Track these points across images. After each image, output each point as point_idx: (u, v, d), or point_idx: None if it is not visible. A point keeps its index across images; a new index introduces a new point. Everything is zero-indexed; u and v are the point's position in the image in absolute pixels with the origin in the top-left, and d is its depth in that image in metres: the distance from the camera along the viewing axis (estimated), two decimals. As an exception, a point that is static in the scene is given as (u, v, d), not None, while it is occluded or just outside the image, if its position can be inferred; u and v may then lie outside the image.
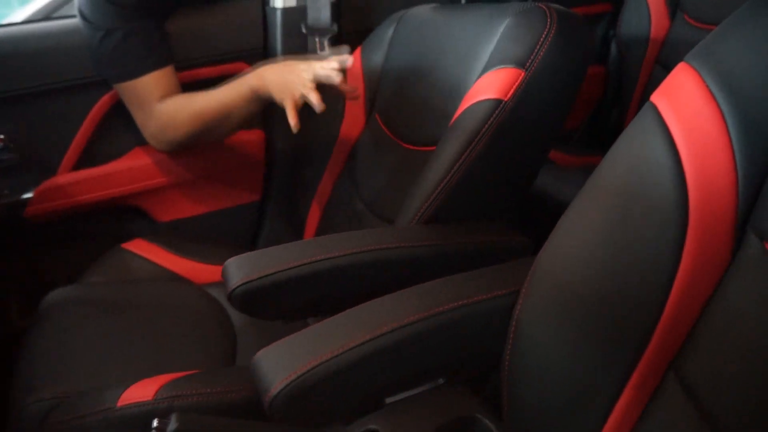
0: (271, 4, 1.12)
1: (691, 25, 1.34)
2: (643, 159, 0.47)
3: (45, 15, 1.44)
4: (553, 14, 0.73)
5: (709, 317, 0.45)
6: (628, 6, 1.44)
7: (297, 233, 1.15)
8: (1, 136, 1.01)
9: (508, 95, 0.70)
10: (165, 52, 1.01)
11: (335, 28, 1.14)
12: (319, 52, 1.16)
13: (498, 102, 0.70)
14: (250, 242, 1.28)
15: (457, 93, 0.79)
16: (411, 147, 0.92)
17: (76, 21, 1.00)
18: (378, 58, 1.04)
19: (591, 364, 0.49)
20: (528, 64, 0.71)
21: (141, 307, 0.94)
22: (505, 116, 0.70)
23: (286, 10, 1.12)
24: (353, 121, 1.07)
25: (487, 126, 0.70)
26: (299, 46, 1.15)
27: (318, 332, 0.53)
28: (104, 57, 0.98)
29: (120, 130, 1.10)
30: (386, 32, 1.04)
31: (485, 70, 0.75)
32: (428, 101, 0.87)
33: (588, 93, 1.50)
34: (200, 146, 1.15)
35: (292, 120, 0.83)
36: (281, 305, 0.67)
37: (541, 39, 0.71)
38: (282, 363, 0.50)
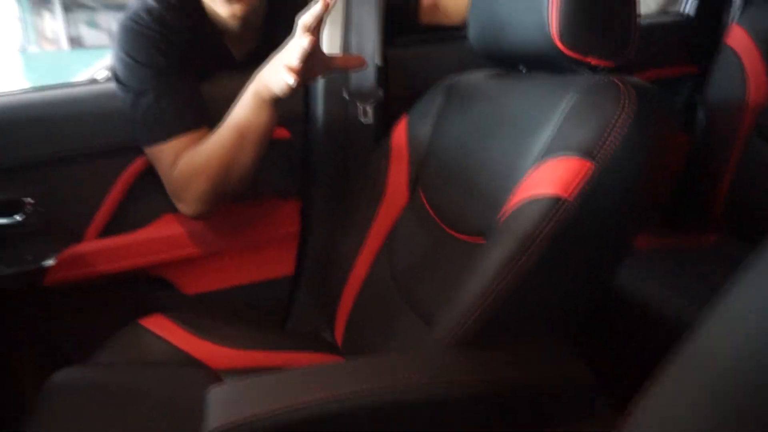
0: (314, 68, 1.05)
1: (798, 90, 1.15)
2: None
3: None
4: (630, 92, 0.59)
5: None
6: (719, 65, 1.27)
7: (330, 312, 1.03)
8: (30, 200, 0.98)
9: (570, 192, 0.56)
10: (198, 115, 0.94)
11: (381, 93, 1.05)
12: (362, 119, 1.07)
13: (557, 200, 0.56)
14: (280, 319, 1.17)
15: (508, 181, 0.66)
16: (454, 234, 0.79)
17: (108, 85, 0.97)
18: (425, 128, 0.93)
19: None
20: (596, 154, 0.57)
21: (144, 397, 0.84)
22: (565, 217, 0.56)
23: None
24: (396, 194, 0.96)
25: (542, 229, 0.56)
26: (341, 112, 1.07)
27: None
28: (137, 120, 0.94)
29: (149, 197, 1.04)
30: (435, 100, 0.93)
31: (543, 157, 0.61)
32: (476, 186, 0.75)
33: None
34: (232, 213, 1.08)
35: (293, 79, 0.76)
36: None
37: (613, 122, 0.57)
38: None
